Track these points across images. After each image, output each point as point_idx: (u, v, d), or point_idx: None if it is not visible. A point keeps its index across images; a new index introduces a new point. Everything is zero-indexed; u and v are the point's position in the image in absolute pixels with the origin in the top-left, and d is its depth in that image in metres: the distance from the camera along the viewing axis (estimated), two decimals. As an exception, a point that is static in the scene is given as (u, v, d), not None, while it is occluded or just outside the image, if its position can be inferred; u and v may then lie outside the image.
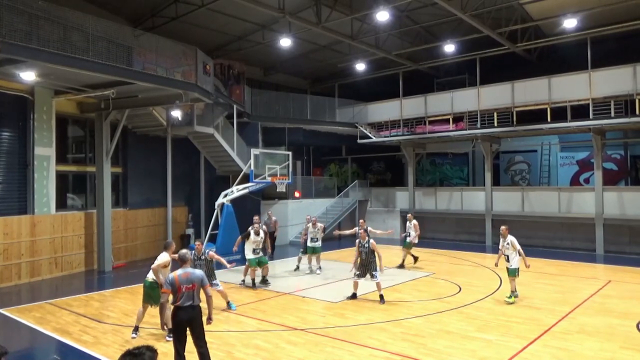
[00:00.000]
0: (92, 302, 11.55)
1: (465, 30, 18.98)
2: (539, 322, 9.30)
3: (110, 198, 16.23)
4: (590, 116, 17.64)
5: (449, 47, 20.14)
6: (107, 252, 15.73)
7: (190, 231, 19.97)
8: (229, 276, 13.68)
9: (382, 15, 16.74)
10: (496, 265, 11.65)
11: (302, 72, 26.23)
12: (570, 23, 17.23)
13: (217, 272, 10.92)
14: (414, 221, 16.00)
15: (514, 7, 17.41)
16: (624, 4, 16.15)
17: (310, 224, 14.84)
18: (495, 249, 19.88)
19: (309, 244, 14.69)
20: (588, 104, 17.72)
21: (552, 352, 7.71)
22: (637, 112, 16.65)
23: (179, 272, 6.64)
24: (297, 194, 23.02)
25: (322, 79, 27.37)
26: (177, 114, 16.49)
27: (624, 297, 11.36)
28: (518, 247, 10.99)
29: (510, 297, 10.84)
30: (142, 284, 9.10)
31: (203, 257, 10.54)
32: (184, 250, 7.07)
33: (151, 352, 3.46)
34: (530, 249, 18.86)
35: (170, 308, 7.16)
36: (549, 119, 18.62)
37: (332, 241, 15.86)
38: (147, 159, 18.79)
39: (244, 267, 13.27)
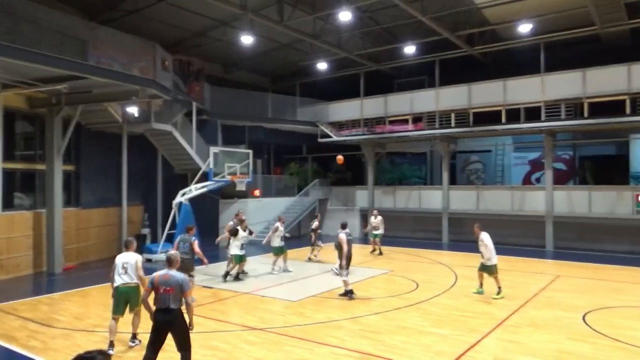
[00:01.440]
0: (41, 305, 11.05)
1: (425, 32, 19.37)
2: (491, 316, 9.61)
3: (62, 197, 15.59)
4: (542, 118, 18.37)
5: (410, 49, 20.52)
6: (57, 253, 15.11)
7: (146, 231, 19.45)
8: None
9: (345, 15, 16.85)
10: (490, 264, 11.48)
11: (264, 70, 26.06)
12: (524, 28, 17.89)
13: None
14: (380, 217, 17.27)
15: (471, 11, 17.91)
16: (575, 11, 16.91)
17: (279, 223, 14.84)
18: (452, 246, 20.52)
19: (279, 243, 14.50)
20: (540, 107, 18.45)
21: (504, 344, 7.98)
22: (586, 114, 17.47)
23: (160, 272, 6.55)
24: (257, 193, 22.84)
25: (284, 78, 27.28)
26: (133, 110, 16.06)
27: (571, 290, 11.90)
28: (488, 243, 11.34)
29: (498, 293, 11.10)
30: (94, 286, 8.76)
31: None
32: (172, 251, 6.99)
33: (103, 355, 3.32)
34: (485, 246, 19.48)
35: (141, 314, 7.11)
36: (503, 121, 19.26)
37: (288, 241, 15.92)
38: (101, 157, 18.18)
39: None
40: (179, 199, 17.05)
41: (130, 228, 18.44)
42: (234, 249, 13.12)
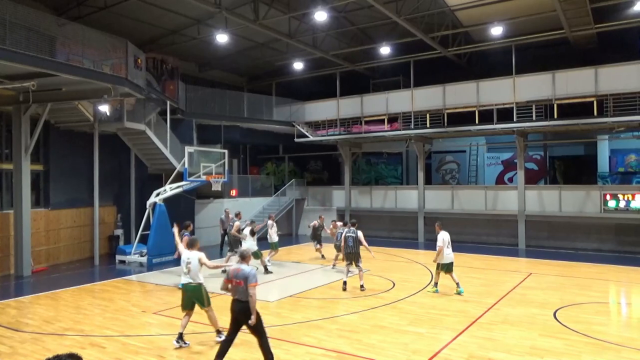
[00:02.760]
0: (8, 309, 10.70)
1: (400, 34, 19.52)
2: (466, 314, 9.75)
3: (30, 197, 15.13)
4: (514, 119, 18.74)
5: (385, 49, 20.65)
6: (26, 255, 14.66)
7: (119, 232, 19.07)
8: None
9: (320, 15, 16.84)
10: (434, 262, 11.82)
11: (239, 69, 25.84)
12: (496, 30, 18.23)
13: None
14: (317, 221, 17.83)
15: (445, 13, 18.14)
16: (545, 15, 17.30)
17: (270, 221, 15.78)
18: (428, 246, 20.74)
19: (271, 240, 15.48)
20: (512, 108, 18.82)
21: (479, 342, 8.10)
22: (556, 115, 17.91)
23: (234, 266, 7.07)
24: (233, 193, 22.64)
25: (260, 77, 27.11)
26: (105, 109, 15.70)
27: (543, 288, 12.17)
28: (439, 243, 11.45)
29: (434, 287, 11.77)
30: (65, 289, 8.53)
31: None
32: (243, 247, 7.67)
33: (73, 358, 3.19)
34: (459, 245, 19.73)
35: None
36: (477, 121, 19.57)
37: (265, 241, 15.87)
38: (71, 156, 17.72)
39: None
40: (153, 199, 16.76)
41: (102, 229, 18.02)
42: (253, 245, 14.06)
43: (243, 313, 6.75)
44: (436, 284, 11.78)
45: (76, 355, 3.18)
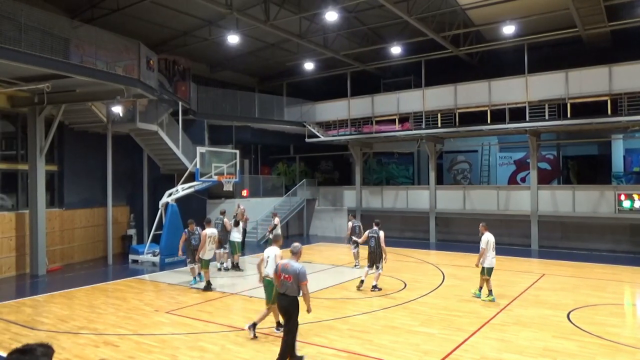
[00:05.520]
0: (24, 308, 10.87)
1: (411, 33, 19.46)
2: (478, 315, 9.69)
3: (45, 198, 15.35)
4: (527, 118, 18.57)
5: (396, 49, 20.60)
6: (41, 254, 14.87)
7: (132, 232, 19.26)
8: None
9: (331, 15, 16.84)
10: (476, 265, 11.14)
11: (250, 70, 25.94)
12: (508, 29, 18.07)
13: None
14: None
15: (456, 12, 18.04)
16: (558, 13, 17.12)
17: (277, 219, 16.91)
18: (440, 246, 20.66)
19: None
20: (525, 107, 18.65)
21: (491, 343, 8.05)
22: (569, 115, 17.71)
23: (284, 261, 7.32)
24: (244, 193, 22.73)
25: (270, 78, 27.19)
26: (118, 110, 15.84)
27: (556, 289, 12.05)
28: (482, 245, 10.89)
29: (487, 295, 10.89)
30: (79, 288, 8.65)
31: (197, 234, 12.69)
32: (296, 243, 7.65)
33: (44, 348, 3.11)
34: (471, 245, 19.66)
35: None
36: (489, 121, 19.43)
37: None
38: (85, 157, 17.94)
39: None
40: (165, 199, 16.90)
41: (115, 229, 18.21)
42: (237, 236, 14.73)
43: (287, 308, 6.96)
44: (480, 288, 11.10)
45: (46, 344, 3.10)
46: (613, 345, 7.91)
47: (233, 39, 18.92)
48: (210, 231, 12.50)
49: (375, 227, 12.17)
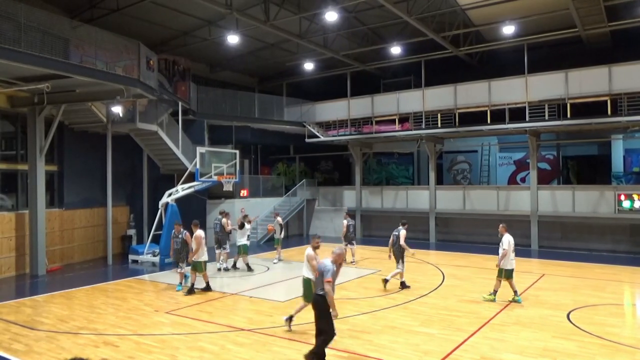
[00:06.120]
0: (24, 308, 10.87)
1: (410, 33, 19.46)
2: (478, 315, 9.69)
3: (45, 198, 15.35)
4: (527, 118, 18.57)
5: (396, 49, 20.60)
6: (41, 254, 14.87)
7: (131, 232, 19.26)
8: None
9: (331, 16, 16.84)
10: (497, 266, 10.88)
11: (250, 70, 25.95)
12: (508, 29, 18.07)
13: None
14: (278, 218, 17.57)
15: (456, 12, 18.04)
16: (557, 14, 17.12)
17: (279, 218, 16.98)
18: (440, 246, 20.65)
19: (276, 236, 16.66)
20: (524, 107, 18.64)
21: (490, 343, 8.05)
22: (569, 115, 17.71)
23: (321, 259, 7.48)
24: (244, 193, 22.73)
25: (270, 78, 27.19)
26: (118, 110, 15.84)
27: (556, 289, 12.05)
28: (503, 246, 10.69)
29: (514, 297, 10.62)
30: (79, 288, 8.65)
31: (180, 237, 12.32)
32: (340, 245, 7.75)
33: None
34: (471, 246, 19.69)
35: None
36: (488, 121, 19.43)
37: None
38: (85, 157, 17.93)
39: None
40: (165, 199, 16.90)
41: (115, 229, 18.20)
42: (242, 240, 14.73)
43: (314, 304, 7.04)
44: (495, 292, 10.84)
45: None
46: (613, 345, 7.91)
47: (233, 39, 18.92)
48: (202, 233, 12.10)
49: (400, 227, 12.25)
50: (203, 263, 11.99)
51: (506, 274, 10.68)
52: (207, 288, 12.11)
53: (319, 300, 6.90)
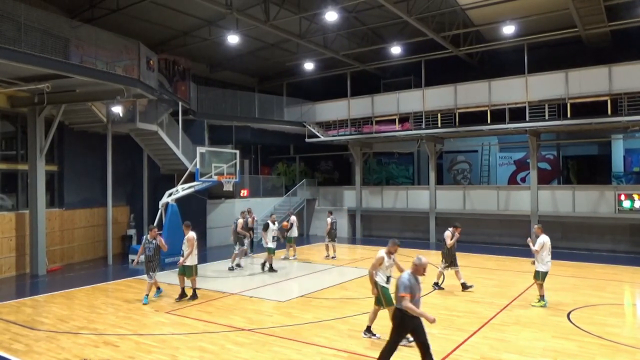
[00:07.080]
0: (24, 308, 10.87)
1: (411, 33, 19.46)
2: (478, 315, 9.69)
3: (45, 198, 15.35)
4: (527, 118, 18.57)
5: (396, 49, 20.60)
6: (41, 254, 14.87)
7: (132, 232, 19.24)
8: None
9: (331, 16, 16.84)
10: (532, 263, 10.78)
11: (250, 70, 25.94)
12: (508, 29, 18.08)
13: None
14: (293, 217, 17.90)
15: (456, 12, 18.04)
16: (557, 14, 17.12)
17: (293, 217, 17.38)
18: (440, 246, 20.59)
19: (290, 235, 17.16)
20: (525, 107, 18.64)
21: (491, 343, 8.05)
22: (569, 115, 17.71)
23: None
24: (244, 193, 22.73)
25: (270, 78, 27.19)
26: (118, 110, 15.84)
27: (555, 289, 12.03)
28: (536, 247, 10.54)
29: (538, 301, 10.45)
30: (79, 288, 8.64)
31: (154, 242, 11.23)
32: (419, 256, 7.17)
33: None
34: (471, 245, 19.66)
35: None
36: (489, 121, 19.43)
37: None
38: (85, 157, 17.94)
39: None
40: (165, 199, 16.89)
41: (115, 229, 18.20)
42: (269, 242, 14.71)
43: (391, 317, 6.92)
44: (542, 296, 10.51)
45: None
46: (613, 345, 7.90)
47: (233, 39, 18.92)
48: (194, 235, 11.40)
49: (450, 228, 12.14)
50: (194, 267, 11.17)
51: (541, 276, 10.45)
52: (194, 296, 11.21)
53: (395, 314, 6.77)
